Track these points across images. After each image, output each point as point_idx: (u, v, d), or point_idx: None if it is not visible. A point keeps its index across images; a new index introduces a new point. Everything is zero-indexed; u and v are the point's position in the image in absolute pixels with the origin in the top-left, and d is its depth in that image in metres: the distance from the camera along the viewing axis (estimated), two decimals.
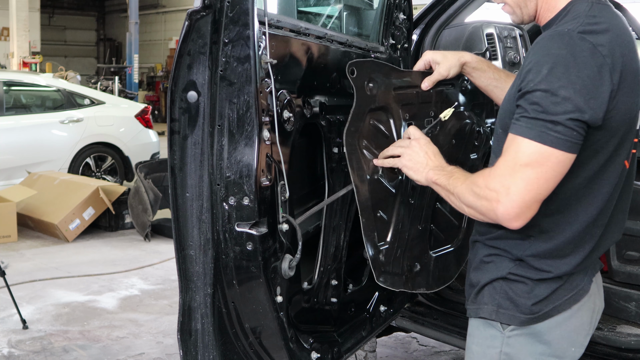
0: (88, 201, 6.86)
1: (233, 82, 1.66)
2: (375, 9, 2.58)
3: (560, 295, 1.64)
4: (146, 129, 9.02)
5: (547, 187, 1.50)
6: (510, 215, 1.50)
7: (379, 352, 3.82)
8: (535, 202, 1.51)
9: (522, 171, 1.48)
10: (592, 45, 1.49)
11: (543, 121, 1.46)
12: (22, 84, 8.63)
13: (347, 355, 2.22)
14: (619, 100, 1.52)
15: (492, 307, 1.67)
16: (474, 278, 1.74)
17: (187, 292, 1.76)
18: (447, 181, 1.69)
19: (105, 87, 16.19)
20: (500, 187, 1.50)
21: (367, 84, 2.00)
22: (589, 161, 1.56)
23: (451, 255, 2.42)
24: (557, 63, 1.47)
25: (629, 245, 2.74)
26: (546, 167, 1.48)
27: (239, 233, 1.70)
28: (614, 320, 2.63)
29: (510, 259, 1.66)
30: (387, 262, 2.09)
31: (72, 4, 31.94)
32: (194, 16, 1.64)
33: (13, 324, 4.45)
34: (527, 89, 1.50)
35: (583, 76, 1.46)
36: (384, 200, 2.07)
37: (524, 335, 1.65)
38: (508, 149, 1.52)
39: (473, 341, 1.74)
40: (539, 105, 1.47)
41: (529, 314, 1.63)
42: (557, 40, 1.51)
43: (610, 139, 1.55)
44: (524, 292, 1.63)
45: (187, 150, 1.69)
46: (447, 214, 2.40)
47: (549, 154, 1.47)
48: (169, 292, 5.21)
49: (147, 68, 25.93)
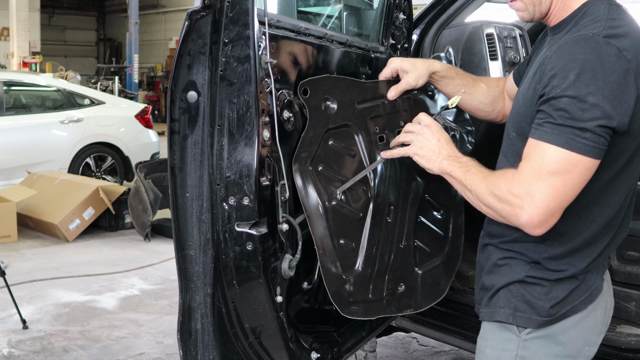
0: (88, 201, 6.86)
1: (233, 82, 1.65)
2: (375, 9, 2.58)
3: (577, 296, 1.63)
4: (146, 129, 9.03)
5: (573, 194, 1.49)
6: (534, 222, 1.49)
7: (379, 352, 3.82)
8: (559, 210, 1.49)
9: (548, 178, 1.46)
10: (618, 49, 1.47)
11: (571, 128, 1.44)
12: (22, 84, 8.63)
13: (347, 355, 2.22)
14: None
15: (509, 311, 1.66)
16: (487, 282, 1.72)
17: (187, 292, 1.76)
18: (463, 175, 1.65)
19: (105, 87, 16.19)
20: (525, 194, 1.48)
21: (323, 103, 1.91)
22: (609, 165, 1.54)
23: (440, 268, 2.36)
24: (584, 69, 1.45)
25: (629, 245, 2.74)
26: (573, 174, 1.46)
27: (239, 233, 1.70)
28: (614, 320, 2.63)
29: (526, 262, 1.64)
30: (358, 291, 2.02)
31: (72, 4, 31.95)
32: (194, 16, 1.64)
33: (13, 324, 4.45)
34: (552, 94, 1.47)
35: (611, 82, 1.44)
36: (347, 226, 1.99)
37: (540, 337, 1.64)
38: (532, 154, 1.50)
39: (487, 344, 1.72)
40: (566, 112, 1.44)
41: (547, 316, 1.63)
42: (583, 45, 1.49)
43: (632, 143, 1.55)
44: (542, 295, 1.63)
45: (187, 150, 1.69)
46: (431, 226, 2.34)
47: (577, 161, 1.45)
48: (169, 292, 5.21)
49: (147, 68, 25.93)
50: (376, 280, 2.09)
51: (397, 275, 2.17)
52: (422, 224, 2.31)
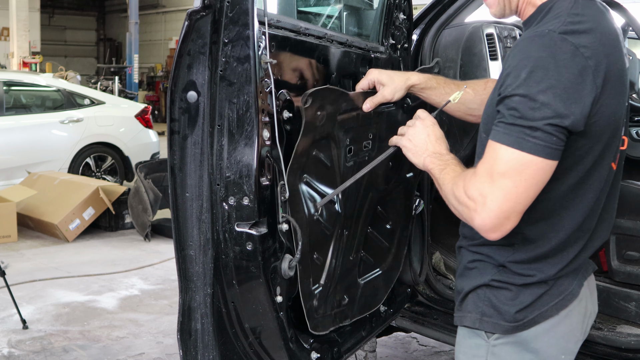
0: (88, 201, 6.86)
1: (233, 82, 1.65)
2: (375, 9, 2.58)
3: (546, 301, 1.57)
4: (146, 129, 9.02)
5: (527, 197, 1.42)
6: (487, 226, 1.43)
7: (379, 352, 3.82)
8: (514, 213, 1.42)
9: (499, 180, 1.40)
10: (574, 46, 1.41)
11: (521, 127, 1.39)
12: (22, 84, 8.63)
13: (347, 355, 2.22)
14: (603, 103, 1.45)
15: (476, 315, 1.61)
16: (458, 285, 1.69)
17: (187, 292, 1.76)
18: (439, 174, 1.60)
19: (105, 87, 16.18)
20: (478, 196, 1.42)
21: (318, 113, 1.88)
22: (574, 168, 1.49)
23: (380, 278, 2.35)
24: (536, 66, 1.40)
25: (629, 245, 2.74)
26: (525, 175, 1.40)
27: (239, 233, 1.70)
28: (614, 320, 2.63)
29: (493, 265, 1.59)
30: (320, 305, 2.01)
31: (72, 4, 31.94)
32: (193, 16, 1.64)
33: (13, 324, 4.45)
34: (505, 93, 1.43)
35: (564, 80, 1.39)
36: (321, 241, 1.97)
37: (510, 344, 1.58)
38: (486, 155, 1.45)
39: (460, 350, 1.69)
40: (517, 111, 1.40)
41: (513, 321, 1.56)
42: (537, 41, 1.44)
43: (595, 144, 1.49)
44: (508, 299, 1.57)
45: (186, 150, 1.69)
46: (378, 236, 2.32)
47: (527, 161, 1.39)
48: (169, 292, 5.21)
49: (147, 68, 25.93)
50: (332, 293, 2.08)
51: (344, 287, 2.16)
52: (371, 236, 2.29)
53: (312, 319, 1.96)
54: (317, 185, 1.93)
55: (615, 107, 1.49)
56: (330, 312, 2.09)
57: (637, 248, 2.72)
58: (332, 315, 2.10)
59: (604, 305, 2.69)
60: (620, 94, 1.51)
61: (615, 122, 1.52)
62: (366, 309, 2.31)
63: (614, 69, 1.48)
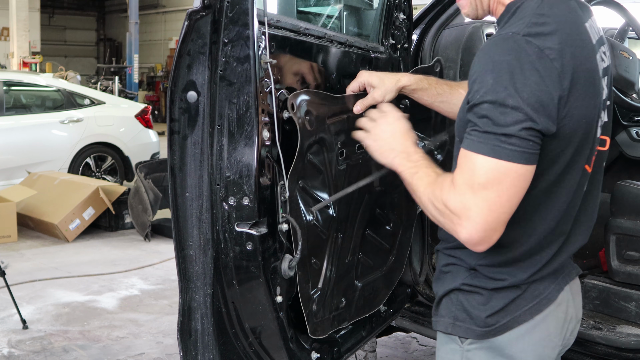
0: (88, 201, 6.86)
1: (233, 82, 1.65)
2: (375, 9, 2.58)
3: (520, 306, 1.52)
4: (146, 129, 9.03)
5: (511, 205, 1.39)
6: (474, 240, 1.39)
7: (379, 352, 3.82)
8: (500, 224, 1.39)
9: (481, 191, 1.36)
10: (539, 49, 1.38)
11: (495, 135, 1.35)
12: (22, 84, 8.63)
13: (347, 355, 2.22)
14: (572, 106, 1.41)
15: (449, 320, 1.58)
16: (434, 289, 1.66)
17: (186, 292, 1.76)
18: (410, 178, 1.56)
19: (105, 87, 16.19)
20: (461, 209, 1.38)
21: (306, 117, 1.85)
22: (545, 171, 1.45)
23: (380, 280, 2.34)
24: (502, 71, 1.37)
25: (629, 245, 2.74)
26: (506, 183, 1.36)
27: (239, 233, 1.69)
28: (614, 320, 2.63)
29: (465, 269, 1.56)
30: (319, 309, 2.00)
31: (72, 4, 31.95)
32: (193, 16, 1.64)
33: (13, 324, 4.45)
34: (474, 101, 1.39)
35: (530, 83, 1.36)
36: (318, 245, 1.97)
37: (484, 349, 1.54)
38: (463, 165, 1.40)
39: (438, 354, 1.66)
40: (488, 118, 1.36)
41: (484, 326, 1.53)
42: (501, 45, 1.41)
43: (567, 147, 1.45)
44: (479, 304, 1.54)
45: (186, 150, 1.69)
46: (377, 238, 2.31)
47: (506, 169, 1.36)
48: (169, 292, 5.21)
49: (147, 68, 25.93)
50: (329, 296, 2.08)
51: (340, 290, 2.15)
52: (369, 238, 2.28)
53: (311, 323, 1.96)
54: (311, 189, 1.92)
55: (586, 110, 1.46)
56: (329, 316, 2.09)
57: (637, 248, 2.72)
58: (330, 319, 2.10)
59: (604, 305, 2.69)
60: (591, 96, 1.47)
61: (587, 125, 1.48)
62: (366, 310, 2.30)
63: (582, 68, 1.44)
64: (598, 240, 2.84)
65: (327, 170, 1.97)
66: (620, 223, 2.76)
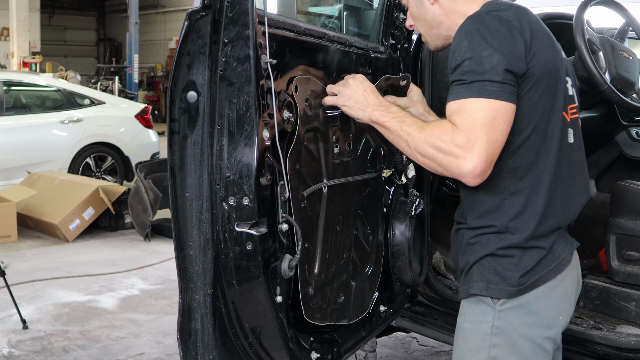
0: (88, 201, 6.86)
1: (233, 82, 1.65)
2: (375, 9, 2.58)
3: (545, 266, 1.73)
4: (146, 129, 9.03)
5: (502, 140, 1.63)
6: (477, 170, 1.60)
7: (379, 352, 3.82)
8: (495, 157, 1.62)
9: (481, 128, 1.59)
10: (499, 16, 1.67)
11: (479, 82, 1.61)
12: (22, 84, 8.63)
13: (347, 355, 2.22)
14: (536, 51, 1.67)
15: (482, 284, 1.74)
16: (462, 261, 1.82)
17: (186, 292, 1.76)
18: (398, 126, 1.75)
19: (105, 87, 16.19)
20: (467, 144, 1.59)
21: (306, 102, 1.92)
22: (531, 115, 1.69)
23: (366, 282, 2.36)
24: (473, 35, 1.65)
25: (629, 245, 2.73)
26: (498, 119, 1.60)
27: (239, 233, 1.69)
28: (614, 320, 2.63)
29: (495, 235, 1.74)
30: (316, 295, 2.03)
31: (72, 4, 31.94)
32: (193, 16, 1.64)
33: (13, 324, 4.45)
34: (455, 63, 1.66)
35: (498, 37, 1.63)
36: (309, 229, 1.99)
37: (514, 308, 1.72)
38: (460, 111, 1.62)
39: (465, 320, 1.81)
40: (471, 72, 1.62)
41: (517, 285, 1.71)
42: (469, 21, 1.70)
43: (542, 90, 1.69)
44: (512, 265, 1.72)
45: (186, 150, 1.69)
46: (361, 240, 2.33)
47: (497, 106, 1.60)
48: (169, 292, 5.21)
49: (147, 68, 25.93)
50: (325, 287, 2.09)
51: (339, 285, 2.17)
52: (356, 237, 2.31)
53: (307, 305, 1.96)
54: (307, 174, 1.95)
55: (550, 57, 1.72)
56: (327, 307, 2.09)
57: (637, 248, 2.72)
58: (328, 310, 2.10)
59: (604, 305, 2.69)
60: (552, 47, 1.75)
61: (555, 69, 1.73)
62: (359, 312, 2.31)
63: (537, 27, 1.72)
64: (598, 240, 2.84)
65: (321, 159, 2.01)
66: (620, 223, 2.75)
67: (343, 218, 2.17)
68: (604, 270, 2.89)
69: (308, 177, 1.95)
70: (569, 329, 2.51)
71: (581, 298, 2.75)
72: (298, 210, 1.89)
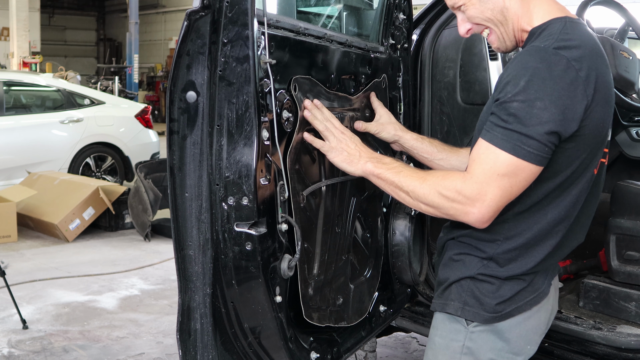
0: (88, 201, 6.86)
1: (232, 82, 1.65)
2: (375, 9, 2.58)
3: (523, 297, 1.73)
4: (146, 129, 9.03)
5: (516, 194, 1.61)
6: (484, 218, 1.61)
7: (379, 352, 3.82)
8: (503, 206, 1.62)
9: (499, 180, 1.57)
10: (567, 60, 1.56)
11: (519, 134, 1.54)
12: (22, 84, 8.63)
13: (347, 355, 2.22)
14: (592, 110, 1.59)
15: (459, 304, 1.75)
16: (442, 275, 1.82)
17: (186, 292, 1.76)
18: (395, 177, 1.74)
19: (105, 87, 16.19)
20: (477, 194, 1.58)
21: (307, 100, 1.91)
22: (563, 169, 1.64)
23: (365, 286, 2.36)
24: (534, 76, 1.55)
25: (629, 245, 2.73)
26: (520, 177, 1.58)
27: (238, 233, 1.69)
28: (614, 320, 2.63)
29: (479, 259, 1.73)
30: (315, 295, 2.02)
31: (72, 4, 31.95)
32: (193, 16, 1.64)
33: (13, 324, 4.45)
34: (505, 99, 1.57)
35: (558, 89, 1.54)
36: (308, 229, 1.99)
37: (487, 332, 1.73)
38: (484, 157, 1.59)
39: (436, 333, 1.81)
40: (516, 117, 1.54)
41: (493, 312, 1.71)
42: (534, 55, 1.59)
43: (584, 149, 1.63)
44: (490, 292, 1.72)
45: (186, 150, 1.69)
46: (360, 244, 2.33)
47: (523, 167, 1.57)
48: (169, 292, 5.21)
49: (147, 68, 25.94)
50: (325, 288, 2.09)
51: (338, 287, 2.17)
52: (355, 240, 2.31)
53: (306, 304, 1.96)
54: (305, 175, 1.94)
55: (604, 115, 1.65)
56: (326, 308, 2.09)
57: (637, 248, 2.72)
58: (327, 312, 2.10)
59: (604, 305, 2.69)
60: (608, 104, 1.66)
61: (604, 129, 1.67)
62: (358, 315, 2.30)
63: (602, 80, 1.62)
64: (598, 240, 2.84)
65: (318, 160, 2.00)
66: (620, 223, 2.75)
67: (342, 218, 2.17)
68: (604, 270, 2.89)
69: (307, 177, 1.95)
70: (569, 329, 2.51)
71: (581, 298, 2.75)
72: (297, 210, 1.89)
